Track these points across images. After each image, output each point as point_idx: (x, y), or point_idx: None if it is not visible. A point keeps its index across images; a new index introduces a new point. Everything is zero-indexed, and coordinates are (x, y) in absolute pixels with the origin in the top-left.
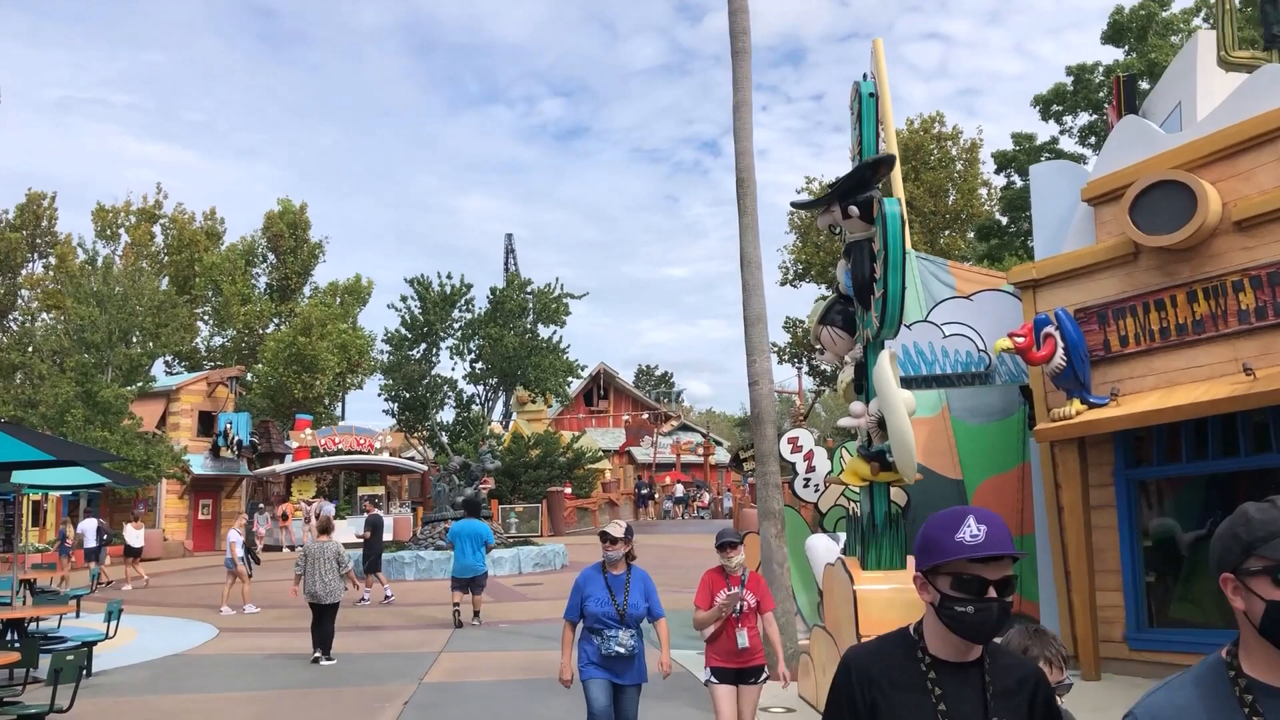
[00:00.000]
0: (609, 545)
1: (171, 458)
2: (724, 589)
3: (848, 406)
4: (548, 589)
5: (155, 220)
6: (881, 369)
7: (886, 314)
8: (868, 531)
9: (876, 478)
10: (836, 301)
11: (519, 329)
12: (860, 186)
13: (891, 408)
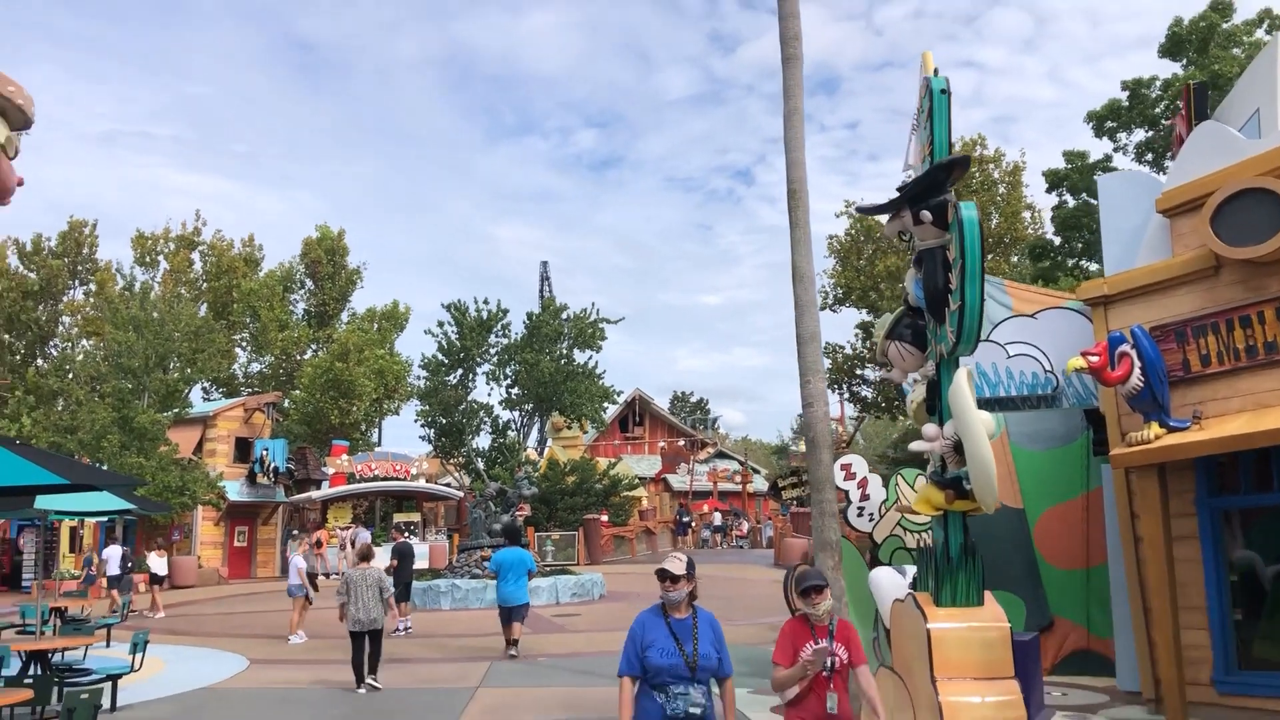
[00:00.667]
0: (670, 584)
1: (207, 484)
2: (810, 642)
3: (921, 429)
4: (587, 620)
5: (194, 247)
6: (958, 388)
7: (963, 328)
8: (941, 565)
9: (951, 506)
10: (905, 314)
11: (555, 354)
12: (933, 189)
13: (969, 430)
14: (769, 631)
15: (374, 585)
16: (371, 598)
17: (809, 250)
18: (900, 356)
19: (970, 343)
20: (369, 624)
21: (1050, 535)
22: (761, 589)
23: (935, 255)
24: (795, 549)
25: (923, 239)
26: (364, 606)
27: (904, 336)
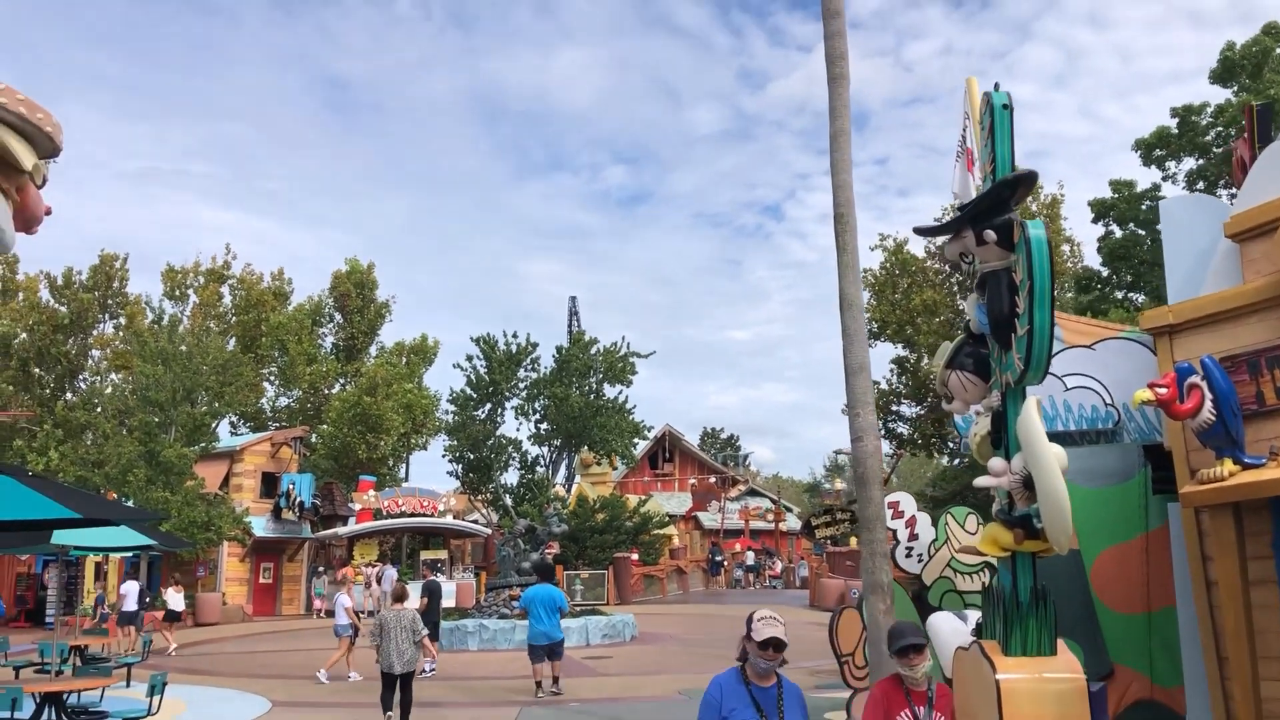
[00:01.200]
0: (770, 653)
1: (233, 519)
2: (905, 710)
3: (986, 464)
4: (619, 663)
5: (224, 281)
6: (1028, 418)
7: (1032, 355)
8: (1010, 610)
9: (1020, 547)
10: (966, 343)
11: (584, 388)
12: (997, 208)
13: (1040, 463)
14: (808, 677)
15: (408, 627)
16: (406, 639)
17: (857, 276)
18: (962, 387)
19: (1040, 370)
20: (403, 666)
21: (1108, 577)
22: (798, 631)
23: (1000, 278)
24: (832, 589)
25: (986, 260)
26: (398, 648)
27: (966, 365)
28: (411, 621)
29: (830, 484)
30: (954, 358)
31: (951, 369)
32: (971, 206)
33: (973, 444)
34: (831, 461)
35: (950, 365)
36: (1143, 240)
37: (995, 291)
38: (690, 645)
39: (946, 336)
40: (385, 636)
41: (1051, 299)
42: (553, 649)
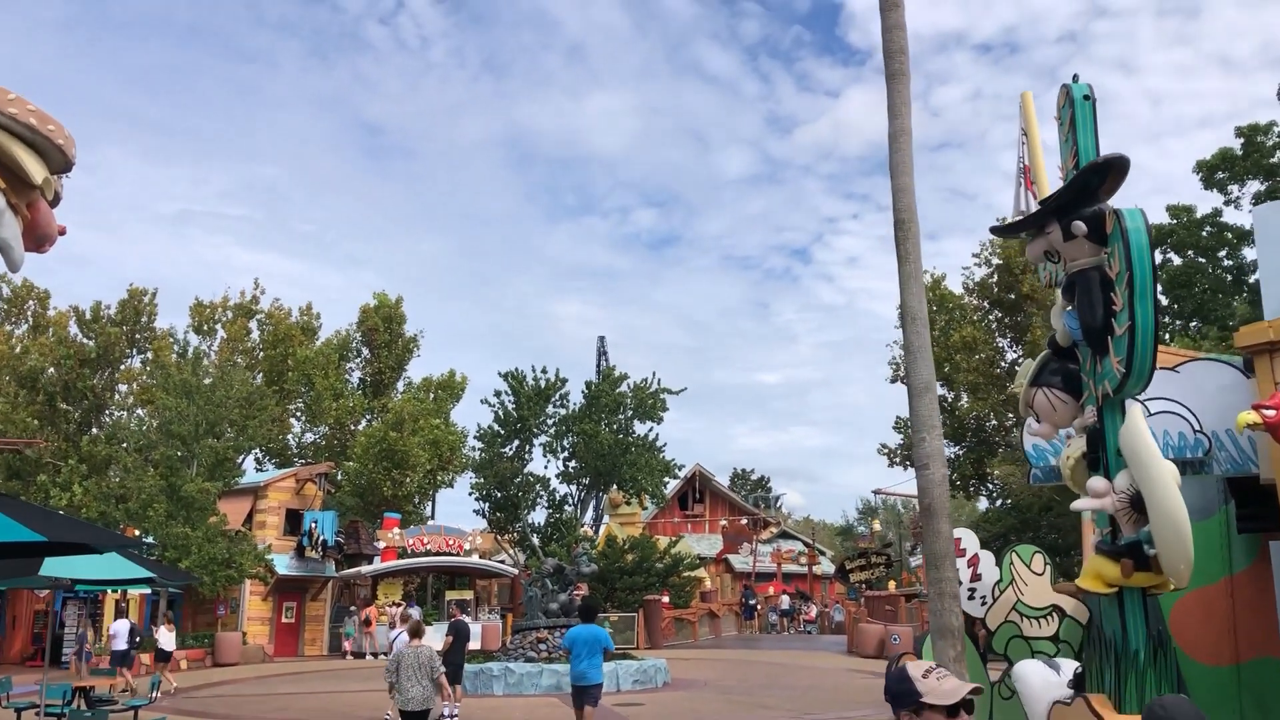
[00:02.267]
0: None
1: (254, 556)
2: None
3: (1086, 485)
4: (652, 711)
5: (252, 316)
6: (1135, 428)
7: (1135, 357)
8: (1123, 658)
9: (1129, 581)
10: (1051, 359)
11: (614, 425)
12: (1084, 198)
13: (1153, 477)
14: None
15: (425, 664)
16: (422, 676)
17: (921, 288)
18: (1050, 406)
19: (1145, 373)
20: (420, 704)
21: (1190, 625)
22: (837, 679)
23: (1091, 276)
24: (871, 635)
25: (1074, 259)
26: (413, 686)
27: (1053, 383)
28: (429, 659)
29: (867, 525)
30: (1039, 375)
31: (1037, 387)
32: (1055, 198)
33: (1065, 469)
34: (865, 504)
35: (1035, 383)
36: (1203, 268)
37: (1086, 292)
38: (727, 692)
39: (985, 375)
40: (401, 673)
41: (1155, 293)
42: (588, 692)
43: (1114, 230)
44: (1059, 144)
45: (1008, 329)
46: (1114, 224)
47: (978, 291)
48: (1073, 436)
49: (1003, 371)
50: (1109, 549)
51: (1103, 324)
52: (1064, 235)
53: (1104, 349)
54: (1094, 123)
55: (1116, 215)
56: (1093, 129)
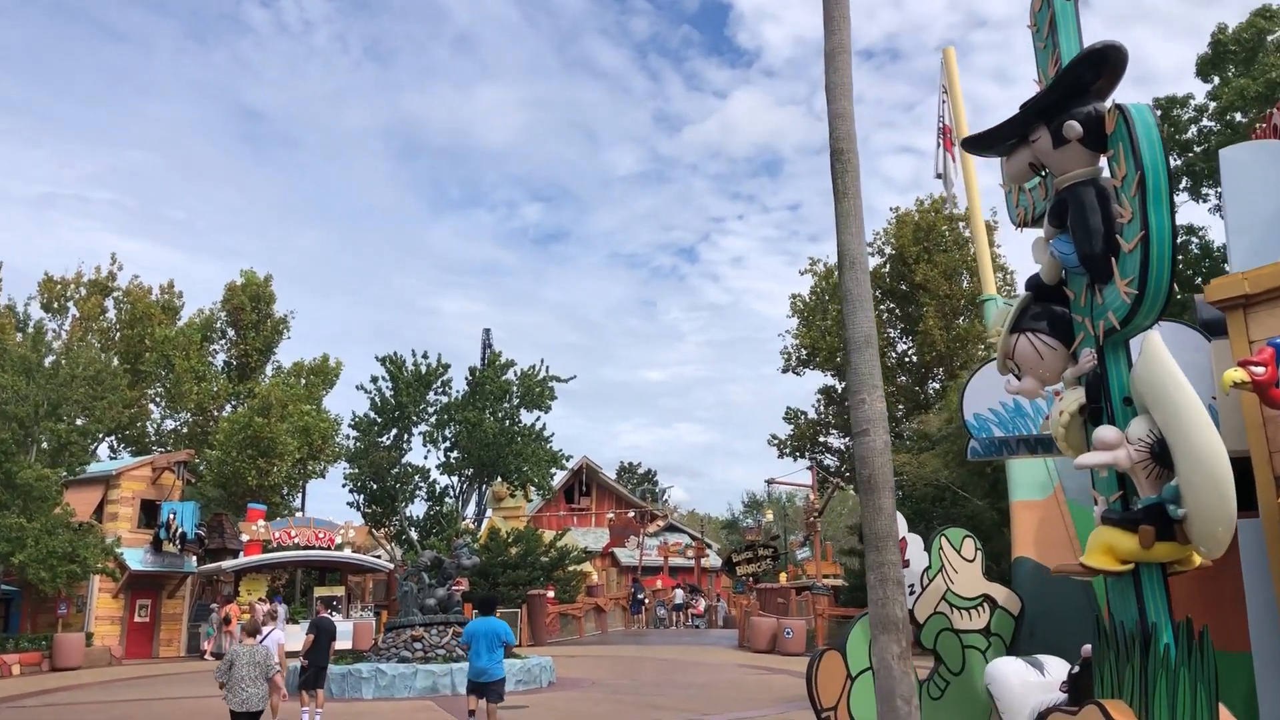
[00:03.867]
0: None
1: (101, 550)
2: None
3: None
4: (536, 714)
5: (108, 293)
6: (1157, 358)
7: (1151, 275)
8: (1153, 658)
9: (1149, 554)
10: (1030, 303)
11: (499, 414)
12: (1075, 96)
13: (1184, 418)
14: None
15: (261, 663)
16: (258, 676)
17: (860, 227)
18: (1035, 355)
19: (1160, 295)
20: (256, 704)
21: None
22: (730, 675)
23: (1086, 192)
24: (763, 629)
25: (1065, 170)
26: (247, 685)
27: (1037, 328)
28: (265, 658)
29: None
30: (1020, 320)
31: (1019, 333)
32: (1042, 97)
33: (1056, 427)
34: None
35: (1016, 329)
36: None
37: (1082, 209)
38: (616, 692)
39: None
40: (233, 673)
41: (1171, 196)
42: (490, 688)
43: (1117, 128)
44: (1035, 53)
45: (899, 320)
46: (1117, 121)
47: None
48: (1060, 393)
49: (893, 362)
50: (1121, 516)
51: (1104, 245)
52: (1054, 141)
53: (1106, 275)
54: (1077, 23)
55: (1120, 111)
56: (1075, 30)
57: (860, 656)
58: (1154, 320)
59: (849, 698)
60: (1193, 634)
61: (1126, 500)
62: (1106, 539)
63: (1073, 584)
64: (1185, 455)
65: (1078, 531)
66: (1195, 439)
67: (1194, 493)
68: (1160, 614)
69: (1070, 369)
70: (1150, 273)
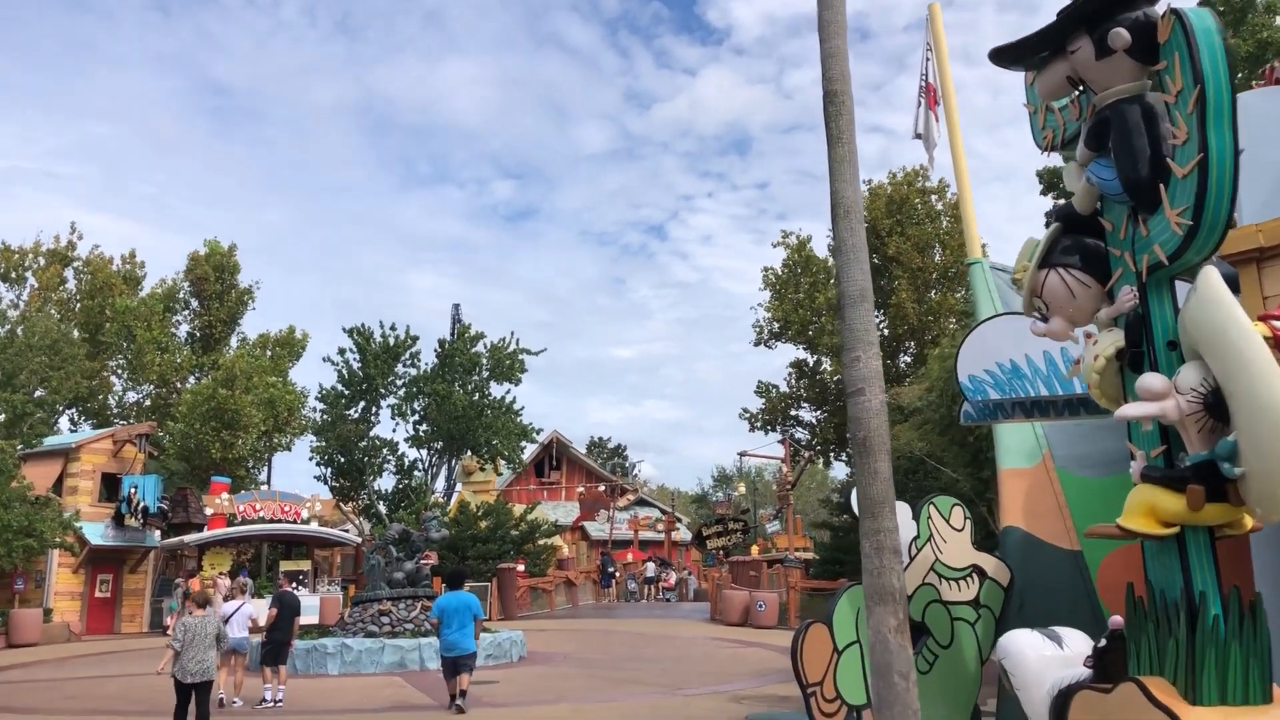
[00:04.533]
0: None
1: (59, 524)
2: None
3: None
4: (508, 690)
5: (67, 263)
6: (1216, 296)
7: (1209, 202)
8: (1201, 631)
9: (1198, 517)
10: (1061, 235)
11: (468, 386)
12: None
13: (1247, 362)
14: (735, 705)
15: (211, 634)
16: (209, 647)
17: (855, 174)
18: (1066, 292)
19: (1219, 225)
20: (201, 675)
21: (1119, 586)
22: (704, 649)
23: (1131, 109)
24: (735, 602)
25: (1108, 85)
26: (199, 656)
27: (1069, 263)
28: (216, 629)
29: (726, 492)
30: (1049, 254)
31: (1048, 269)
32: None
33: (1089, 374)
34: (720, 472)
35: (1046, 264)
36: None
37: (1127, 129)
38: (588, 666)
39: None
40: (187, 643)
41: (1233, 113)
42: (463, 660)
43: (1172, 37)
44: None
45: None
46: (1173, 28)
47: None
48: (1092, 336)
49: None
50: (1165, 474)
51: (1152, 170)
52: (1096, 52)
53: (1153, 203)
54: None
55: (1177, 16)
56: None
57: (847, 629)
58: (1209, 255)
59: (835, 672)
60: (1243, 604)
61: (1171, 456)
62: (1147, 499)
63: (1062, 554)
64: (1248, 408)
65: (1067, 499)
66: (1262, 390)
67: (1257, 449)
68: (1208, 582)
69: (1105, 309)
70: (1208, 201)
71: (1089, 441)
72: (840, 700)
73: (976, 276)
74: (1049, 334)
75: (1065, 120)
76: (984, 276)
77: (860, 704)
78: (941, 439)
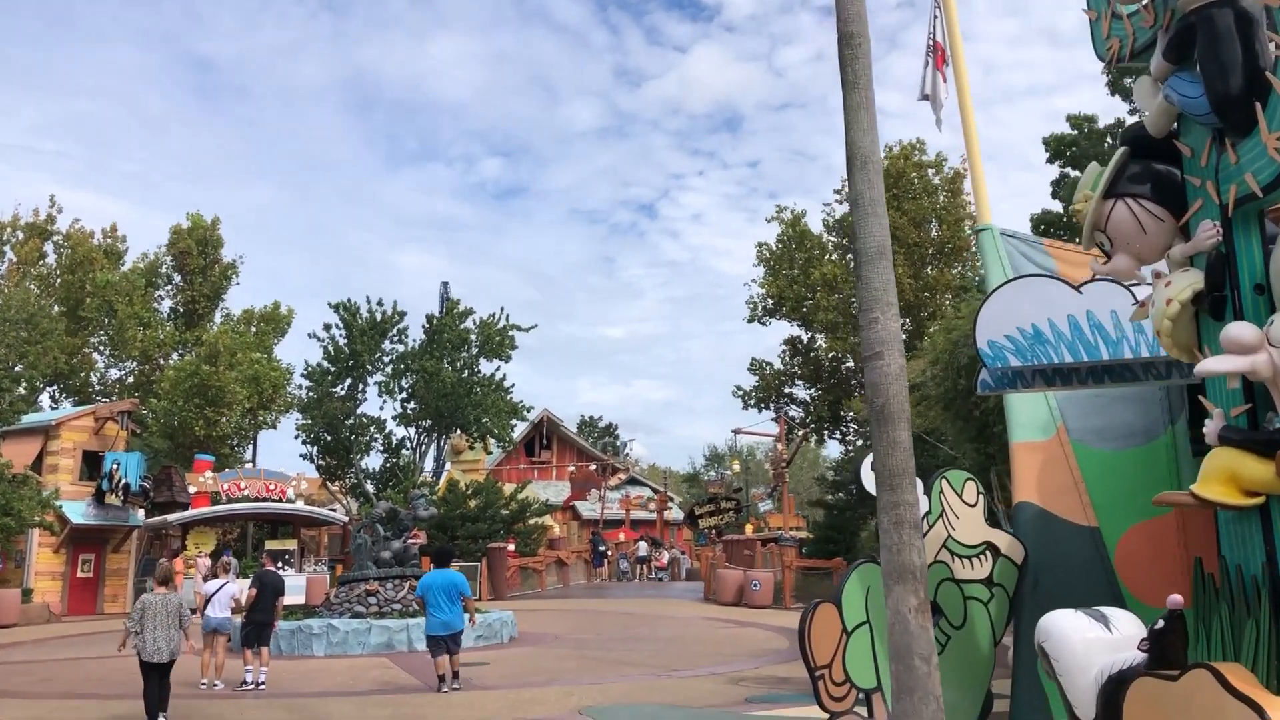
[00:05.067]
0: None
1: (38, 503)
2: None
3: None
4: (499, 672)
5: (47, 237)
6: None
7: None
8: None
9: None
10: (1129, 161)
11: (458, 363)
12: None
13: None
14: (733, 687)
15: (174, 613)
16: (170, 627)
17: (873, 122)
18: (1135, 225)
19: None
20: (167, 655)
21: (1138, 563)
22: (698, 629)
23: (1222, 14)
24: (730, 581)
25: None
26: (162, 635)
27: (1139, 192)
28: (178, 608)
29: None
30: (1116, 182)
31: (1115, 199)
32: None
33: (1159, 320)
34: (712, 451)
35: (1112, 194)
36: None
37: (1216, 38)
38: (581, 647)
39: (844, 314)
40: (146, 623)
41: None
42: (454, 638)
43: None
44: None
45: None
46: None
47: (838, 229)
48: (1162, 276)
49: (858, 312)
50: (1250, 436)
51: (1246, 85)
52: None
53: (1247, 125)
54: None
55: None
56: None
57: (856, 609)
58: None
59: (844, 654)
60: None
61: (1256, 417)
62: (1228, 464)
63: (1078, 530)
64: None
65: (1083, 474)
66: None
67: None
68: None
69: (1179, 246)
70: None
71: (1106, 413)
72: (849, 684)
73: (987, 243)
74: (1113, 272)
75: (1136, 28)
76: (995, 243)
77: (870, 687)
78: (945, 414)
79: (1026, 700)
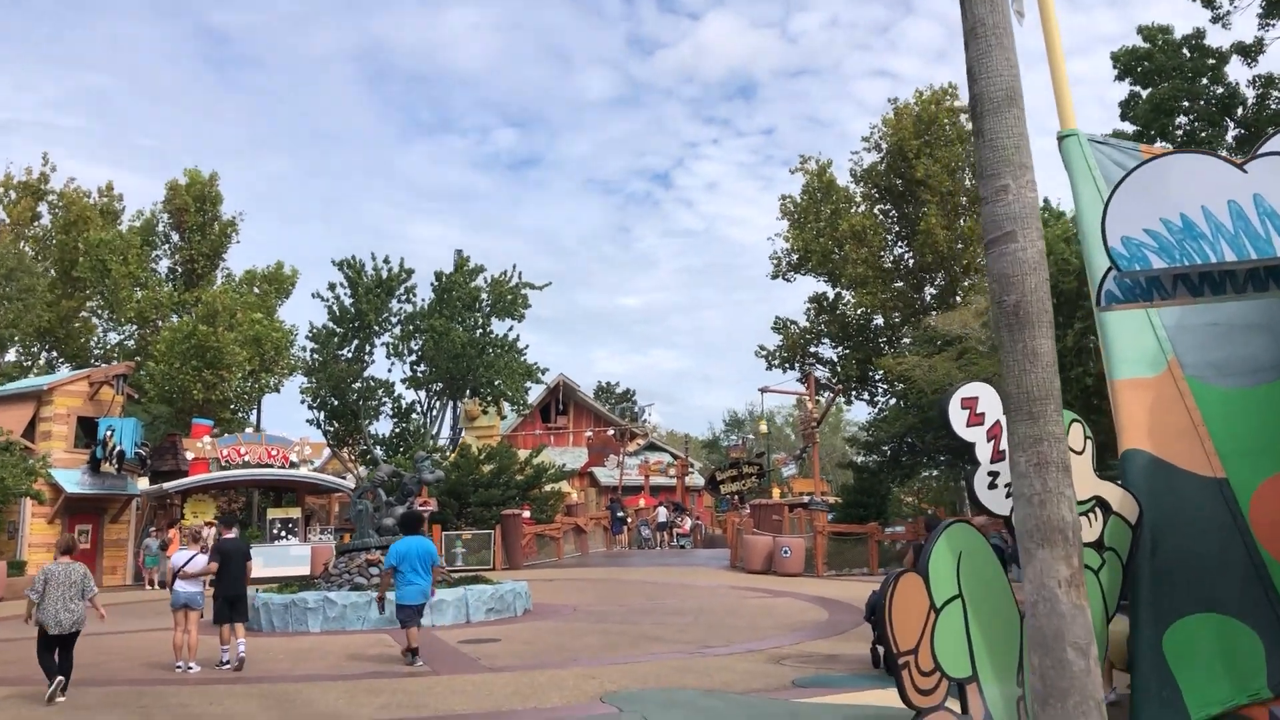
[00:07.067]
0: None
1: (26, 471)
2: None
3: None
4: (509, 649)
5: (41, 197)
6: None
7: None
8: None
9: None
10: None
11: (469, 323)
12: None
13: None
14: (775, 667)
15: (77, 584)
16: (73, 597)
17: None
18: None
19: None
20: (70, 626)
21: (1274, 520)
22: (726, 600)
23: None
24: (758, 548)
25: None
26: (64, 605)
27: None
28: (82, 578)
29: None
30: None
31: None
32: None
33: None
34: (732, 416)
35: None
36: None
37: None
38: (601, 620)
39: (874, 267)
40: (48, 591)
41: None
42: (422, 610)
43: None
44: None
45: (894, 222)
46: None
47: (866, 179)
48: None
49: (890, 265)
50: None
51: None
52: None
53: None
54: None
55: None
56: None
57: (947, 581)
58: None
59: (932, 636)
60: None
61: None
62: None
63: (1203, 483)
64: None
65: (1204, 416)
66: None
67: None
68: None
69: None
70: None
71: (1227, 344)
72: (939, 672)
73: (1073, 152)
74: None
75: None
76: (1083, 151)
77: (964, 677)
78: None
79: (1151, 689)
